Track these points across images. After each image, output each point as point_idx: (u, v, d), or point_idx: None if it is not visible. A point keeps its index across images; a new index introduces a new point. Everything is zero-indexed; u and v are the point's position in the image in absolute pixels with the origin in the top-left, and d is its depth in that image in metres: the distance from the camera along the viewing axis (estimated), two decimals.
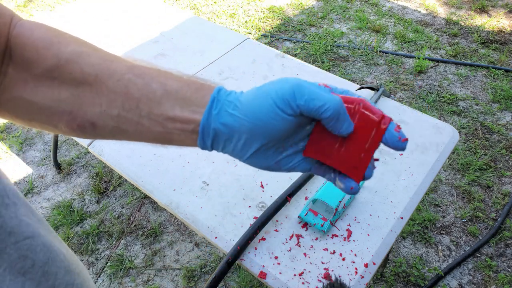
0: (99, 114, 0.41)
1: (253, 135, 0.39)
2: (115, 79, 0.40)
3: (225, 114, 0.39)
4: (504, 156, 2.00)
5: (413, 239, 1.68)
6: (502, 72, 2.48)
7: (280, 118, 0.38)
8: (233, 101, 0.40)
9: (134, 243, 1.69)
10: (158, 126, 0.41)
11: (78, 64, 0.40)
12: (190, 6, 3.20)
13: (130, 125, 0.41)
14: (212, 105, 0.40)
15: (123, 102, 0.40)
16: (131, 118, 0.41)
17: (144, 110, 0.40)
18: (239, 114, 0.39)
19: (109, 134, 0.43)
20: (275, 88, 0.38)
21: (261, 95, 0.39)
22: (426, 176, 1.01)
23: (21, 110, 0.42)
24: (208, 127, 0.40)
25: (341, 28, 2.91)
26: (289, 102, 0.37)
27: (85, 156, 2.06)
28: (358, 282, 0.81)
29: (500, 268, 1.58)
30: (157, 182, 1.00)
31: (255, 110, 0.38)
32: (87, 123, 0.42)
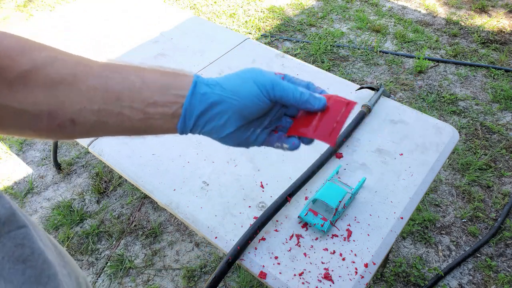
0: (79, 111, 0.43)
1: (238, 114, 0.47)
2: (93, 77, 0.43)
3: (213, 96, 0.45)
4: (504, 156, 2.00)
5: (413, 239, 1.68)
6: (502, 72, 2.48)
7: (262, 102, 0.47)
8: (216, 85, 0.46)
9: (134, 243, 1.69)
10: (139, 114, 0.44)
11: (55, 67, 0.42)
12: (190, 6, 3.20)
13: (111, 117, 0.44)
14: (194, 89, 0.45)
15: (103, 97, 0.43)
16: (112, 110, 0.44)
17: (126, 101, 0.44)
18: (230, 95, 0.46)
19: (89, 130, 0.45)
20: (258, 79, 0.47)
21: (247, 82, 0.47)
22: (426, 176, 1.01)
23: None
24: (193, 107, 0.45)
25: (341, 28, 2.91)
26: (269, 92, 0.47)
27: (85, 156, 2.06)
28: (358, 282, 0.81)
29: (500, 268, 1.58)
30: (157, 182, 1.00)
31: (245, 94, 0.46)
32: (67, 121, 0.44)
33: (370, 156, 1.06)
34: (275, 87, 0.47)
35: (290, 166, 1.04)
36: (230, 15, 3.08)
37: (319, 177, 1.01)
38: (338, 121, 0.52)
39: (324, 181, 0.99)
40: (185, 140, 1.11)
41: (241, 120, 0.47)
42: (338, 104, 0.53)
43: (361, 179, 0.96)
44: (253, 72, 0.48)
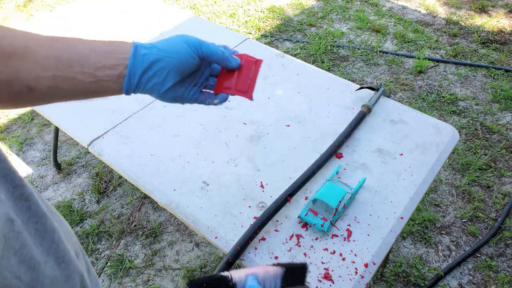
0: (35, 78, 0.48)
1: (175, 70, 0.55)
2: (45, 48, 0.49)
3: (152, 56, 0.54)
4: (504, 156, 2.00)
5: (413, 239, 1.68)
6: (502, 72, 2.48)
7: (193, 59, 0.57)
8: (153, 47, 0.55)
9: (134, 243, 1.69)
10: (90, 77, 0.51)
11: (6, 40, 0.47)
12: (190, 6, 3.20)
13: (65, 82, 0.50)
14: (136, 51, 0.53)
15: (56, 64, 0.49)
16: (66, 75, 0.50)
17: (77, 66, 0.50)
18: (167, 54, 0.55)
19: (45, 96, 0.51)
20: (186, 40, 0.57)
21: (179, 43, 0.56)
22: (426, 176, 1.01)
23: None
24: (136, 67, 0.52)
25: (341, 28, 2.91)
26: (197, 49, 0.57)
27: (85, 156, 2.06)
28: (358, 282, 0.81)
29: (500, 268, 1.58)
30: (157, 182, 1.00)
31: (179, 52, 0.55)
32: (24, 88, 0.48)
33: (370, 156, 1.06)
34: (202, 46, 0.58)
35: (290, 166, 1.04)
36: (230, 15, 3.08)
37: (319, 177, 1.01)
38: (251, 77, 0.64)
39: (324, 181, 0.99)
40: (185, 140, 1.11)
41: (177, 76, 0.56)
42: (249, 63, 0.65)
43: (361, 179, 0.96)
44: (182, 35, 0.58)
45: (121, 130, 1.14)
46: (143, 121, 1.17)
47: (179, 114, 1.19)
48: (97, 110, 1.21)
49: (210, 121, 1.16)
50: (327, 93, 1.25)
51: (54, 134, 1.78)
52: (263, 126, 1.15)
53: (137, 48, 0.53)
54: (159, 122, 1.16)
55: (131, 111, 1.20)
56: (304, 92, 1.26)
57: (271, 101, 1.23)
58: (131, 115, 1.19)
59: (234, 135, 1.12)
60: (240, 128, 1.14)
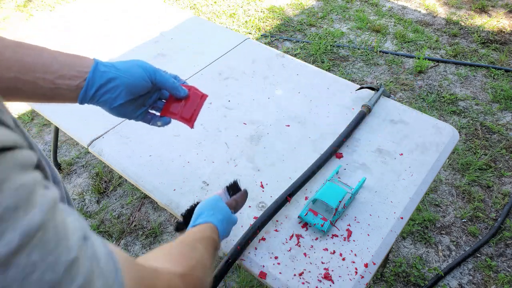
0: None
1: (128, 89, 0.62)
2: (10, 51, 0.53)
3: (108, 73, 0.60)
4: (504, 156, 2.00)
5: (413, 239, 1.68)
6: (502, 72, 2.48)
7: (146, 82, 0.65)
8: (112, 66, 0.61)
9: (134, 243, 1.69)
10: (50, 84, 0.56)
11: None
12: (190, 6, 3.20)
13: (25, 85, 0.54)
14: (96, 67, 0.59)
15: (19, 68, 0.53)
16: (27, 79, 0.54)
17: (39, 72, 0.54)
18: (123, 74, 0.62)
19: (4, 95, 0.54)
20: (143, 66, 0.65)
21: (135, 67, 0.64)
22: (426, 176, 1.01)
23: None
24: (94, 81, 0.59)
25: (341, 28, 2.91)
26: (151, 76, 0.66)
27: (85, 156, 2.06)
28: (358, 282, 0.81)
29: (500, 268, 1.58)
30: (157, 182, 1.00)
31: (134, 75, 0.63)
32: None
33: (370, 156, 1.06)
34: (156, 73, 0.66)
35: (290, 166, 1.04)
36: (230, 15, 3.08)
37: (319, 177, 1.01)
38: (195, 108, 0.74)
39: (324, 181, 0.99)
40: (185, 140, 1.11)
41: (129, 95, 0.63)
42: (195, 95, 0.74)
43: (361, 179, 0.96)
44: (139, 61, 0.65)
45: (121, 130, 1.14)
46: None
47: None
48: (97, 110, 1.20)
49: (210, 121, 1.16)
50: (327, 93, 1.25)
51: (54, 134, 1.78)
52: (263, 126, 1.15)
53: (98, 65, 0.59)
54: None
55: None
56: (304, 92, 1.26)
57: (271, 101, 1.23)
58: None
59: (234, 135, 1.12)
60: (240, 128, 1.14)
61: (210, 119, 1.17)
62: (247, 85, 1.28)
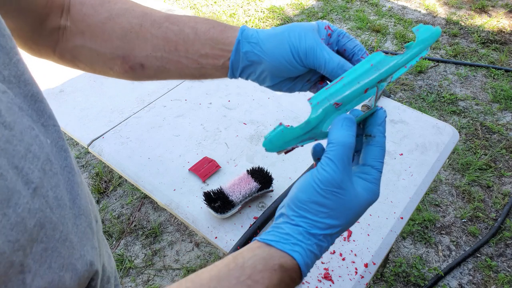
0: (146, 56, 0.51)
1: (273, 73, 0.49)
2: (156, 27, 0.50)
3: (251, 55, 0.49)
4: (504, 156, 2.00)
5: (413, 239, 1.68)
6: (502, 72, 2.48)
7: (295, 67, 0.48)
8: (256, 43, 0.48)
9: (134, 243, 1.69)
10: (194, 63, 0.51)
11: (126, 17, 0.50)
12: (190, 6, 3.20)
13: (172, 64, 0.51)
14: (238, 46, 0.49)
15: (164, 46, 0.50)
16: (172, 58, 0.51)
17: (182, 50, 0.50)
18: (265, 56, 0.48)
19: (155, 74, 0.53)
20: (294, 42, 0.47)
21: (283, 44, 0.47)
22: (426, 176, 1.01)
23: (84, 56, 0.53)
24: (237, 62, 0.50)
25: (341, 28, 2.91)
26: (302, 59, 0.47)
27: (85, 156, 2.06)
28: (358, 282, 0.81)
29: (500, 268, 1.58)
30: (157, 182, 1.00)
31: (277, 56, 0.47)
32: (137, 65, 0.52)
33: None
34: (309, 55, 0.46)
35: (290, 166, 1.04)
36: (230, 15, 3.08)
37: None
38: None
39: None
40: (185, 140, 1.11)
41: (277, 79, 0.50)
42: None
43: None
44: (293, 32, 0.47)
45: (121, 130, 1.14)
46: (143, 121, 1.17)
47: (179, 114, 1.19)
48: (97, 110, 1.21)
49: (210, 121, 1.16)
50: None
51: None
52: (263, 126, 1.15)
53: (240, 43, 0.49)
54: (159, 122, 1.16)
55: (131, 111, 1.20)
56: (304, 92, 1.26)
57: (271, 101, 1.23)
58: (131, 115, 1.19)
59: (234, 135, 1.12)
60: (240, 128, 1.14)
61: (210, 119, 1.17)
62: (247, 85, 1.28)
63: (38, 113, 0.35)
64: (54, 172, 0.33)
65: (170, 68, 0.52)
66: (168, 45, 0.50)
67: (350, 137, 0.40)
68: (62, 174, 0.35)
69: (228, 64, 0.50)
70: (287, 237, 0.38)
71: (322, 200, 0.39)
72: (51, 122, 0.37)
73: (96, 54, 0.51)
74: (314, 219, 0.39)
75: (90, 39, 0.51)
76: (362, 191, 0.40)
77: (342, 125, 0.41)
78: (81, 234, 0.36)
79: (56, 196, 0.32)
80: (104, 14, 0.50)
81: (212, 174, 1.00)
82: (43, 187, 0.30)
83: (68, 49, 0.52)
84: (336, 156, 0.39)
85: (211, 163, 1.02)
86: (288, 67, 0.48)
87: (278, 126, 0.44)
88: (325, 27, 0.48)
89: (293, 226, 0.39)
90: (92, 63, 0.53)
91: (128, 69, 0.52)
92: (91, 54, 0.52)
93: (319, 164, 0.39)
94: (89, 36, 0.51)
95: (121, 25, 0.50)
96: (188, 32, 0.50)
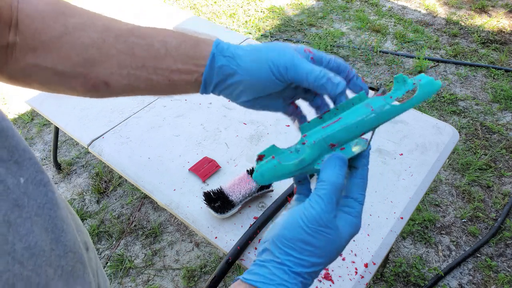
0: (110, 74, 0.47)
1: (249, 89, 0.47)
2: (121, 42, 0.46)
3: (227, 69, 0.47)
4: (504, 156, 2.00)
5: (413, 239, 1.68)
6: (502, 72, 2.48)
7: (272, 82, 0.46)
8: (233, 58, 0.47)
9: (134, 243, 1.69)
10: (165, 80, 0.47)
11: (85, 31, 0.45)
12: (190, 6, 3.21)
13: (140, 82, 0.48)
14: (212, 61, 0.47)
15: (131, 62, 0.46)
16: (140, 75, 0.47)
17: (151, 67, 0.47)
18: (241, 71, 0.46)
19: (123, 92, 0.49)
20: (273, 59, 0.45)
21: (261, 60, 0.46)
22: (426, 176, 1.01)
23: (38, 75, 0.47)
24: (211, 77, 0.47)
25: (341, 28, 2.91)
26: (282, 74, 0.45)
27: (85, 156, 2.06)
28: (358, 282, 0.81)
29: (500, 268, 1.58)
30: (157, 182, 1.00)
31: (255, 72, 0.46)
32: (101, 83, 0.47)
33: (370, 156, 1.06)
34: (289, 69, 0.45)
35: None
36: (230, 15, 3.08)
37: None
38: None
39: None
40: (186, 140, 1.11)
41: (253, 94, 0.48)
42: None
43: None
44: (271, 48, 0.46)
45: (121, 130, 1.14)
46: (143, 121, 1.17)
47: (179, 114, 1.19)
48: (97, 110, 1.21)
49: (210, 121, 1.16)
50: None
51: (54, 134, 1.78)
52: (263, 126, 1.15)
53: (215, 57, 0.47)
54: (159, 122, 1.16)
55: (131, 111, 1.20)
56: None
57: None
58: (131, 115, 1.19)
59: (234, 135, 1.12)
60: (240, 128, 1.14)
61: (210, 119, 1.17)
62: None
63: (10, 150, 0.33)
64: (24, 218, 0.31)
65: (139, 85, 0.48)
66: (135, 61, 0.46)
67: (341, 177, 0.41)
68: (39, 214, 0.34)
69: (201, 80, 0.47)
70: (272, 277, 0.38)
71: (308, 239, 0.38)
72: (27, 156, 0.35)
73: (52, 72, 0.46)
74: (299, 257, 0.38)
75: (45, 57, 0.46)
76: (345, 226, 0.41)
77: (335, 165, 0.42)
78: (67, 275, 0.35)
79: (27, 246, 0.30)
80: (59, 29, 0.45)
81: (212, 174, 1.00)
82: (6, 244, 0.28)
83: (19, 68, 0.47)
84: (326, 195, 0.39)
85: (211, 163, 1.02)
86: (265, 83, 0.46)
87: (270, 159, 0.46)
88: (305, 50, 0.46)
89: (278, 265, 0.39)
90: (48, 82, 0.48)
91: (90, 87, 0.48)
92: (46, 73, 0.47)
93: (307, 201, 0.40)
94: (43, 53, 0.45)
95: (80, 40, 0.45)
96: (158, 47, 0.46)
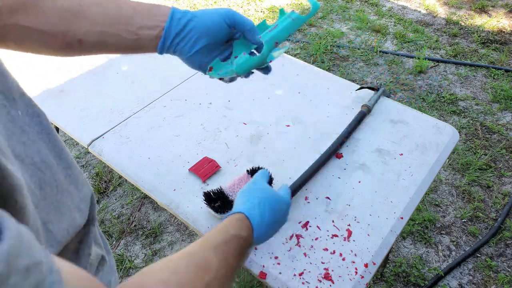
0: (84, 32, 0.55)
1: (205, 34, 0.61)
2: (95, 5, 0.55)
3: (186, 18, 0.60)
4: (504, 156, 2.00)
5: (413, 239, 1.68)
6: (502, 72, 2.48)
7: (223, 27, 0.62)
8: (187, 12, 0.60)
9: (134, 243, 1.69)
10: (133, 35, 0.58)
11: None
12: (190, 6, 3.20)
13: (111, 37, 0.57)
14: (173, 14, 0.59)
15: (104, 21, 0.56)
16: (112, 32, 0.56)
17: (122, 24, 0.56)
18: (198, 20, 0.60)
19: (92, 48, 0.58)
20: (221, 11, 0.62)
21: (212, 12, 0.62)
22: (426, 176, 1.01)
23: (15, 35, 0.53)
24: (171, 29, 0.59)
25: (341, 28, 2.91)
26: (229, 18, 0.62)
27: (85, 156, 2.06)
28: (358, 282, 0.81)
29: (500, 268, 1.58)
30: (157, 182, 1.00)
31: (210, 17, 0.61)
32: (74, 40, 0.55)
33: (370, 156, 1.06)
34: (232, 15, 0.62)
35: (290, 166, 1.04)
36: None
37: (319, 177, 1.01)
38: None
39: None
40: (186, 140, 1.11)
41: (206, 40, 0.61)
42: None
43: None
44: (218, 8, 0.63)
45: (121, 130, 1.14)
46: (143, 121, 1.17)
47: (179, 114, 1.19)
48: (97, 110, 1.21)
49: (210, 121, 1.16)
50: (327, 93, 1.25)
51: None
52: (263, 126, 1.15)
53: (174, 12, 0.59)
54: (159, 122, 1.16)
55: (131, 111, 1.20)
56: (304, 92, 1.26)
57: (271, 101, 1.23)
58: (131, 115, 1.19)
59: (234, 135, 1.12)
60: (240, 128, 1.14)
61: (210, 119, 1.17)
62: (247, 85, 1.28)
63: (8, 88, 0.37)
64: (32, 140, 0.37)
65: (108, 41, 0.57)
66: (107, 20, 0.55)
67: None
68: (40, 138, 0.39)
69: (162, 34, 0.58)
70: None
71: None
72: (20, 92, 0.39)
73: (29, 31, 0.52)
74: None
75: (26, 17, 0.51)
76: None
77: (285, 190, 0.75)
78: (75, 181, 0.44)
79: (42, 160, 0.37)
80: None
81: (212, 174, 1.00)
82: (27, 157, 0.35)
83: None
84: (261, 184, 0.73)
85: (211, 163, 1.02)
86: (218, 27, 0.61)
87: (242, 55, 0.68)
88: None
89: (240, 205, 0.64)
90: (23, 41, 0.54)
91: (65, 46, 0.55)
92: (23, 31, 0.52)
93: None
94: (24, 14, 0.51)
95: (59, 2, 0.53)
96: (126, 9, 0.57)
